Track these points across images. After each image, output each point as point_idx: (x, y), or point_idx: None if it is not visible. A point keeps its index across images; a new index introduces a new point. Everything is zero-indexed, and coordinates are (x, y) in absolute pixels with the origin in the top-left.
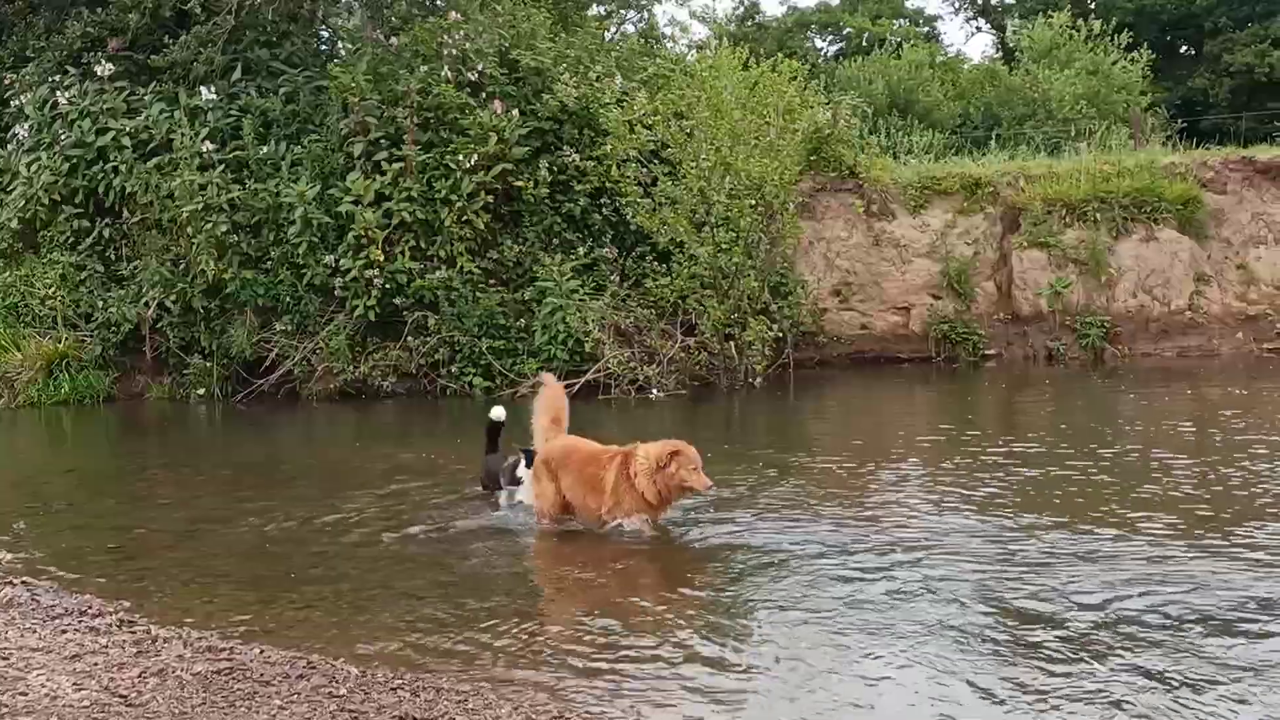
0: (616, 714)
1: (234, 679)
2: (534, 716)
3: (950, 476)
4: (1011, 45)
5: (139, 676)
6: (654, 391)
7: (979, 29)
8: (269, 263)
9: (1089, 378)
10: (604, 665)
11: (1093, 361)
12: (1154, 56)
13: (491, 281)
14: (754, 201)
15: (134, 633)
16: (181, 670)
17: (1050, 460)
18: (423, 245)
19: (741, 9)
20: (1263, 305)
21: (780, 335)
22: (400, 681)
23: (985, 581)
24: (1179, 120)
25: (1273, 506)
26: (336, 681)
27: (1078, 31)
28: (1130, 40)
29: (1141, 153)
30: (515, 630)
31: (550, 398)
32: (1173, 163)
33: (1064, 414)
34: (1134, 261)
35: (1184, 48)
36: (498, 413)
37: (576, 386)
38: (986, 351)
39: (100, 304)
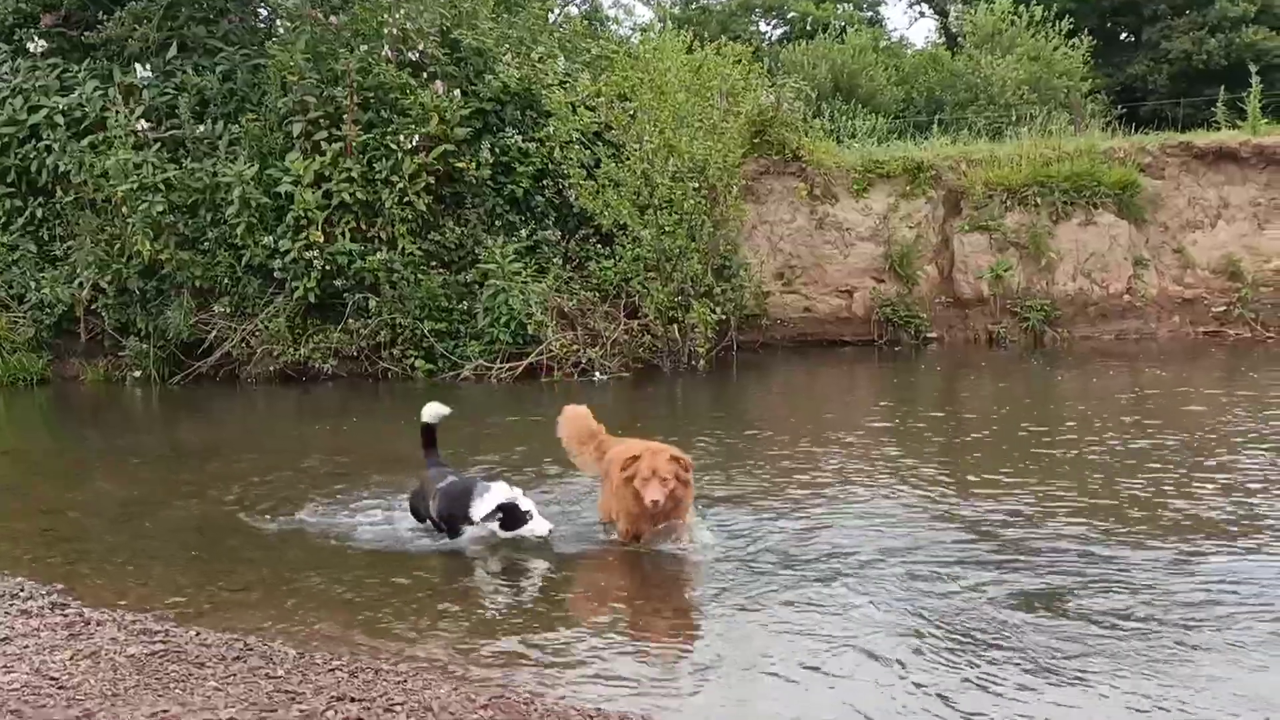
0: (554, 696)
1: (168, 661)
2: (473, 697)
3: (892, 459)
4: (954, 31)
5: (70, 659)
6: (597, 374)
7: (922, 14)
8: (206, 243)
9: (1029, 361)
10: (544, 647)
11: (1033, 344)
12: (1094, 43)
13: (433, 263)
14: (697, 184)
15: (66, 615)
16: (115, 653)
17: (990, 441)
18: (363, 226)
19: None
20: (1199, 289)
21: (724, 318)
22: (339, 663)
23: (926, 565)
24: (1119, 106)
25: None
26: (273, 663)
27: (1020, 18)
28: (1071, 27)
29: (1081, 138)
30: (456, 612)
31: (571, 424)
32: (1112, 148)
33: (1004, 396)
34: (1073, 245)
35: (1124, 34)
36: (432, 412)
37: (519, 369)
38: (928, 334)
39: (33, 285)
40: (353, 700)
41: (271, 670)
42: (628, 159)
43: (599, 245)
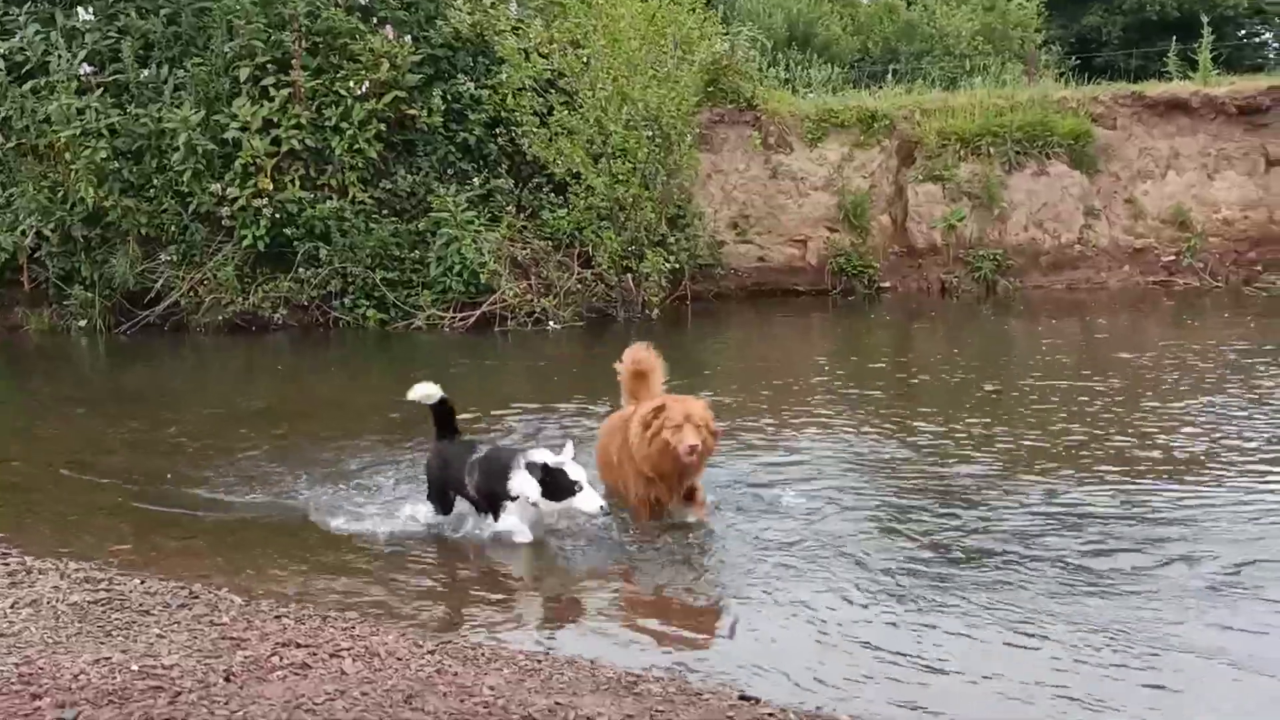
0: (493, 645)
1: (111, 609)
2: (421, 642)
3: (844, 406)
4: None
5: (11, 607)
6: (551, 323)
7: None
8: (152, 190)
9: (981, 310)
10: (488, 598)
11: (985, 294)
12: None
13: (385, 212)
14: (651, 132)
15: (7, 564)
16: (56, 601)
17: (943, 390)
18: (313, 174)
19: None
20: (1149, 239)
21: (678, 267)
22: (285, 610)
23: (881, 507)
24: (1073, 57)
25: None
26: (219, 610)
27: None
28: None
29: (1035, 88)
30: (404, 562)
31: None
32: (1064, 98)
33: (955, 345)
34: (1026, 195)
35: None
36: (423, 391)
37: (472, 319)
38: (882, 284)
39: None
40: (299, 646)
41: (216, 617)
42: (581, 107)
43: (552, 194)
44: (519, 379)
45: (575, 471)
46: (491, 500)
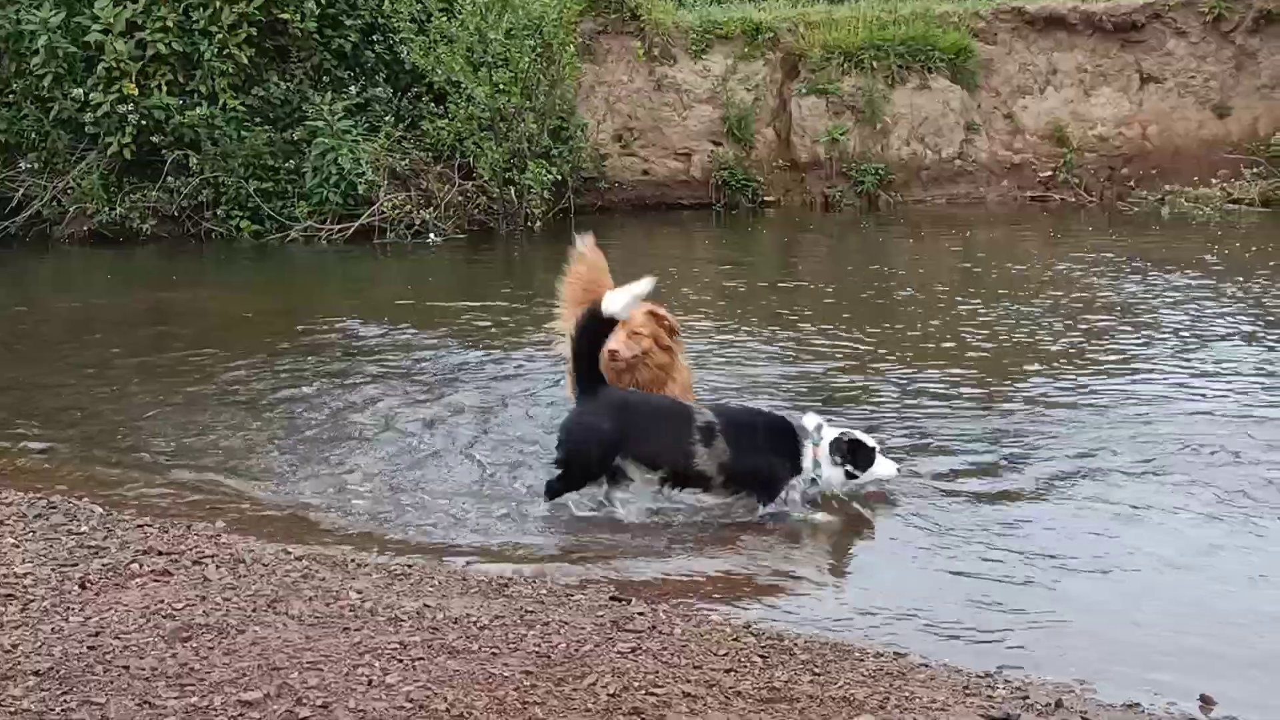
0: (363, 553)
1: None
2: (288, 551)
3: (728, 317)
4: None
5: None
6: (431, 236)
7: None
8: (11, 95)
9: (863, 224)
10: (359, 506)
11: (867, 208)
12: None
13: (258, 120)
14: (533, 42)
15: None
16: None
17: (825, 303)
18: (181, 80)
19: None
20: (1027, 154)
21: (561, 179)
22: (147, 520)
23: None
24: None
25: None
26: (78, 520)
27: None
28: None
29: (917, 1)
30: (275, 468)
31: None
32: (946, 12)
33: (836, 258)
34: (908, 110)
35: None
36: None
37: (350, 231)
38: (766, 198)
39: None
40: (160, 553)
41: (75, 527)
42: (460, 14)
43: (432, 104)
44: (401, 291)
45: (865, 438)
46: (756, 478)
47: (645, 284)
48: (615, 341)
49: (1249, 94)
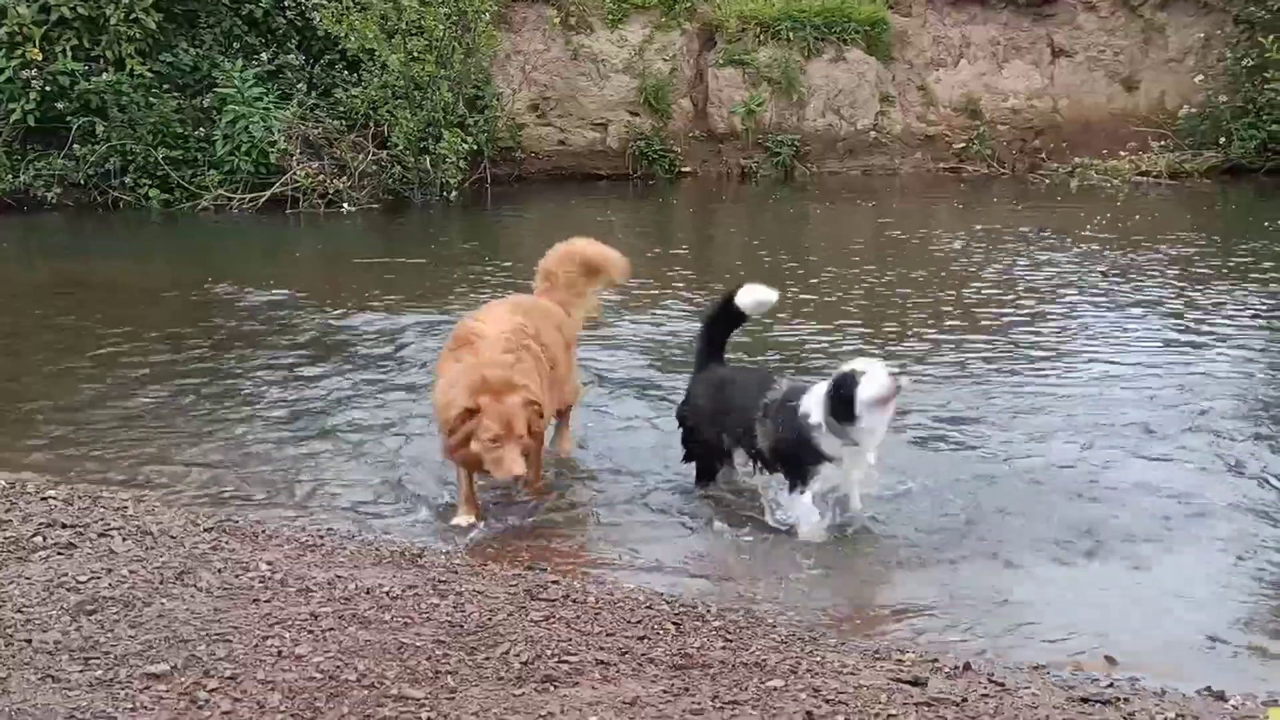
0: (275, 524)
1: None
2: (198, 521)
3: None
4: None
5: None
6: (345, 206)
7: None
8: None
9: (778, 195)
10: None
11: (783, 179)
12: None
13: (166, 87)
14: (448, 9)
15: None
16: None
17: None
18: (86, 45)
19: None
20: (940, 126)
21: (476, 149)
22: (54, 491)
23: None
24: None
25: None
26: None
27: None
28: None
29: None
30: (183, 439)
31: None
32: None
33: (752, 229)
34: (824, 81)
35: None
36: (756, 296)
37: (262, 200)
38: (683, 169)
39: None
40: (65, 526)
41: None
42: None
43: (345, 71)
44: (313, 260)
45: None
46: None
47: (772, 294)
48: (519, 465)
49: (1157, 67)
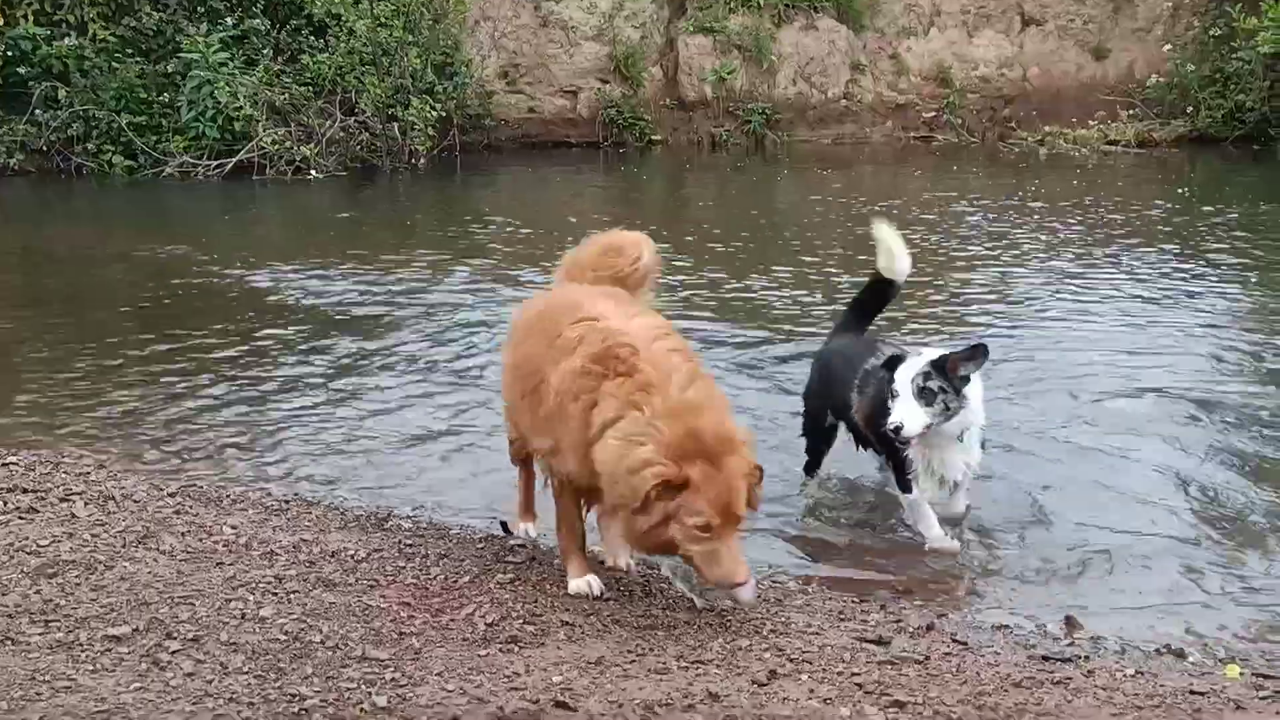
0: (241, 489)
1: None
2: (162, 486)
3: None
4: None
5: None
6: (313, 173)
7: None
8: None
9: (749, 163)
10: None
11: (754, 147)
12: None
13: (130, 51)
14: None
15: None
16: None
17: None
18: (48, 9)
19: None
20: (911, 95)
21: (445, 116)
22: (15, 457)
23: None
24: None
25: None
26: None
27: None
28: None
29: None
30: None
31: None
32: None
33: (722, 197)
34: (794, 49)
35: None
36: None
37: (228, 166)
38: (653, 137)
39: None
40: (26, 491)
41: None
42: None
43: (311, 37)
44: (281, 231)
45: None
46: None
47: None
48: (744, 571)
49: (1126, 36)
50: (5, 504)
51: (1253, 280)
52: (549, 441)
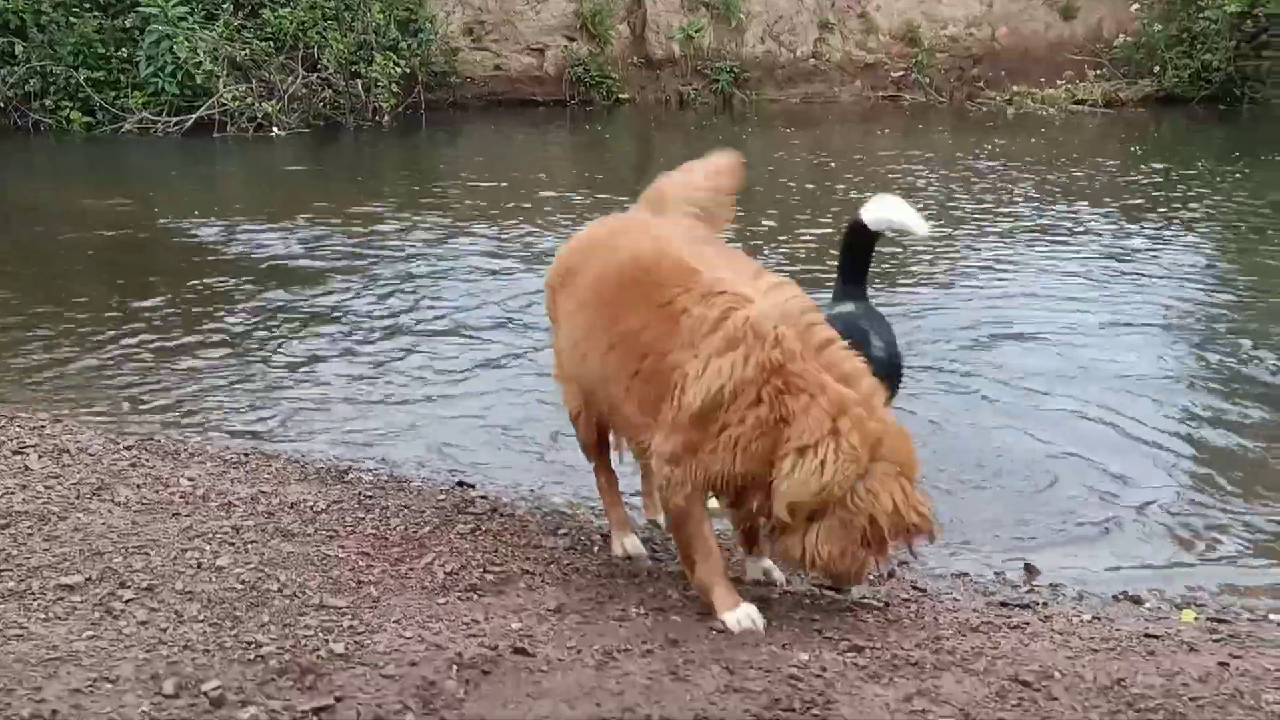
0: (199, 441)
1: None
2: (117, 440)
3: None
4: None
5: None
6: (275, 130)
7: None
8: None
9: (717, 122)
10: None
11: (722, 106)
12: None
13: (87, 6)
14: None
15: None
16: None
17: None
18: None
19: None
20: (880, 54)
21: (409, 73)
22: None
23: None
24: None
25: None
26: None
27: None
28: None
29: None
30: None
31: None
32: None
33: (690, 155)
34: (763, 7)
35: None
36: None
37: (188, 123)
38: (620, 95)
39: None
40: None
41: None
42: None
43: None
44: (243, 185)
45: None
46: None
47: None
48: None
49: None
50: None
51: (1220, 237)
52: (681, 437)
